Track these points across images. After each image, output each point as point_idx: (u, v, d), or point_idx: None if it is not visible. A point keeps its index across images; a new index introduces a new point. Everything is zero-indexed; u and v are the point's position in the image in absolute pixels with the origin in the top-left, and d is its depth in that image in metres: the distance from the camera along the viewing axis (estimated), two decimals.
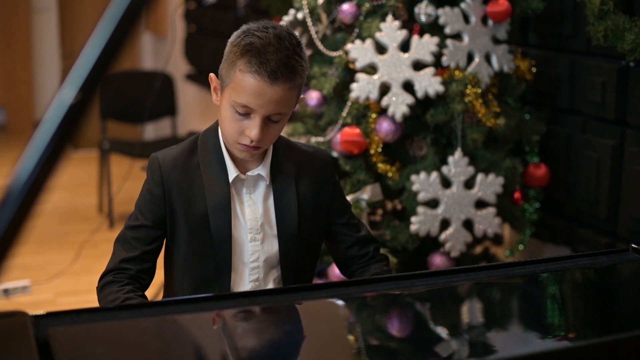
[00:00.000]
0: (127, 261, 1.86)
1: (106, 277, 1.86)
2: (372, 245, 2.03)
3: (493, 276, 1.71)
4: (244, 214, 1.89)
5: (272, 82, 1.75)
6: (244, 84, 1.76)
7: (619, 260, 1.76)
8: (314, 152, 2.00)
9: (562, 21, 2.93)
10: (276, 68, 1.74)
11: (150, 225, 1.87)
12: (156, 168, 1.88)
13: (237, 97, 1.77)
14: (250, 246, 1.89)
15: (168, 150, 1.92)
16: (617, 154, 2.75)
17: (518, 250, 3.04)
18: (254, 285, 1.91)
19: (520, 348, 1.44)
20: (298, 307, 1.61)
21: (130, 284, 1.83)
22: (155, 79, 5.22)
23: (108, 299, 1.80)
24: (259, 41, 1.75)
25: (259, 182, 1.91)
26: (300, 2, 2.94)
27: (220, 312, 1.54)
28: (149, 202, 1.88)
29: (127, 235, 1.88)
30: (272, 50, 1.74)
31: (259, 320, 1.57)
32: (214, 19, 5.37)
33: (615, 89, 2.71)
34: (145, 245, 1.87)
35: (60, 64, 7.24)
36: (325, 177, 1.98)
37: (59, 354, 1.27)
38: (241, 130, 1.80)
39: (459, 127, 2.82)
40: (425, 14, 2.80)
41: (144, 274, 1.88)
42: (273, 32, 1.77)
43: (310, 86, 2.99)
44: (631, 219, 2.70)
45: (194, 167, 1.88)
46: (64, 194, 5.46)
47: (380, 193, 2.85)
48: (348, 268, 2.04)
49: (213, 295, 1.56)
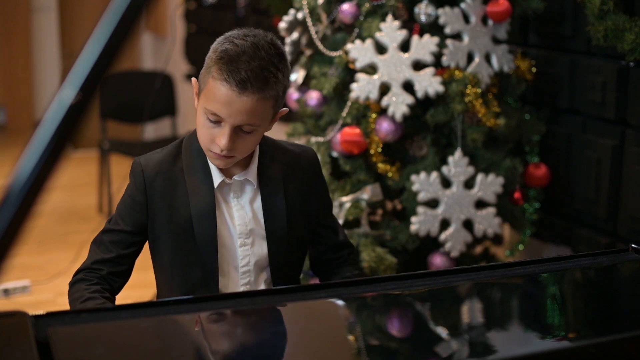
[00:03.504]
0: (100, 262, 1.84)
1: (77, 275, 1.85)
2: (347, 249, 2.04)
3: (493, 276, 1.71)
4: (233, 218, 1.87)
5: (240, 92, 1.71)
6: (214, 91, 1.73)
7: (619, 260, 1.76)
8: (301, 152, 1.97)
9: (562, 21, 2.93)
10: (246, 78, 1.70)
11: (130, 231, 1.85)
12: (139, 173, 1.85)
13: (208, 104, 1.75)
14: (240, 251, 1.87)
15: (152, 154, 1.89)
16: (617, 154, 2.75)
17: (518, 250, 3.04)
18: (246, 288, 1.89)
19: (520, 348, 1.44)
20: (298, 307, 1.61)
21: (99, 284, 1.82)
22: (155, 79, 5.22)
23: (74, 296, 1.80)
24: (234, 49, 1.72)
25: (246, 186, 1.88)
26: (300, 2, 2.94)
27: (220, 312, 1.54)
28: (130, 208, 1.86)
29: (105, 238, 1.87)
30: (245, 59, 1.71)
31: (258, 320, 1.57)
32: (214, 19, 5.37)
33: (615, 89, 2.71)
34: (121, 249, 1.85)
35: (60, 64, 7.24)
36: (313, 177, 1.97)
37: (59, 354, 1.27)
38: (212, 138, 1.77)
39: (459, 127, 2.82)
40: (425, 14, 2.80)
41: (117, 277, 1.86)
42: (252, 40, 1.73)
43: (310, 86, 2.99)
44: (631, 219, 2.70)
45: (178, 172, 1.86)
46: (64, 194, 5.46)
47: (380, 193, 2.85)
48: (320, 268, 2.05)
49: (213, 295, 1.57)
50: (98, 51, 1.07)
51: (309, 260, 2.07)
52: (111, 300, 1.83)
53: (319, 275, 2.07)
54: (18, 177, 1.06)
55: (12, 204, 1.06)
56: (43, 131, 1.07)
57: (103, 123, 5.19)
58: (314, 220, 1.97)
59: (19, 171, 1.06)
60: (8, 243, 1.07)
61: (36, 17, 7.23)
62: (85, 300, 1.77)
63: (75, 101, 1.06)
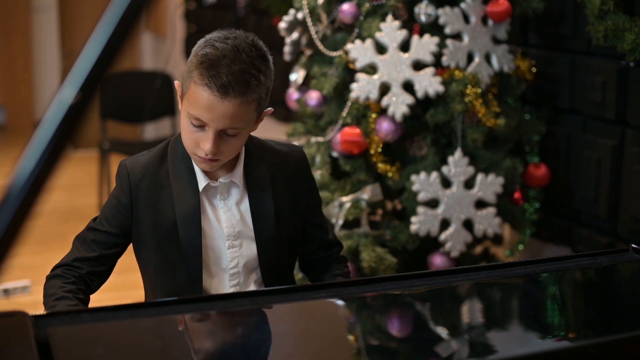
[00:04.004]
0: (81, 260, 1.83)
1: (56, 269, 1.84)
2: (336, 247, 2.04)
3: (493, 276, 1.71)
4: (220, 221, 1.86)
5: (222, 97, 1.69)
6: (196, 96, 1.71)
7: (619, 260, 1.76)
8: (289, 152, 1.96)
9: (562, 21, 2.93)
10: (227, 82, 1.68)
11: (113, 233, 1.84)
12: (124, 176, 1.84)
13: (190, 108, 1.73)
14: (228, 253, 1.86)
15: (138, 157, 1.88)
16: (617, 154, 2.74)
17: (518, 250, 3.04)
18: (235, 289, 1.89)
19: (520, 348, 1.44)
20: (298, 307, 1.61)
21: (75, 283, 1.80)
22: (155, 79, 5.22)
23: (49, 291, 1.78)
24: (215, 52, 1.70)
25: (232, 188, 1.87)
26: (300, 2, 2.94)
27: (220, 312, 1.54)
28: (115, 210, 1.85)
29: (88, 236, 1.85)
30: (225, 63, 1.69)
31: (258, 320, 1.57)
32: (214, 19, 5.37)
33: (615, 89, 2.71)
34: (103, 249, 1.84)
35: (60, 64, 7.23)
36: (302, 177, 1.96)
37: (59, 354, 1.27)
38: (197, 142, 1.75)
39: (459, 127, 2.82)
40: (425, 14, 2.80)
41: (95, 277, 1.84)
42: (232, 43, 1.71)
43: (310, 86, 2.99)
44: (631, 219, 2.70)
45: (163, 175, 1.85)
46: (64, 194, 5.46)
47: (380, 193, 2.85)
48: (309, 267, 2.04)
49: (213, 295, 1.56)
50: (98, 51, 1.07)
51: (298, 259, 2.05)
52: (84, 301, 1.80)
53: (308, 274, 2.06)
54: (18, 177, 1.06)
55: (12, 204, 1.06)
56: (43, 131, 1.06)
57: (103, 123, 5.19)
58: (303, 220, 1.96)
59: (19, 171, 1.06)
60: (8, 243, 1.07)
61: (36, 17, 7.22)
62: (59, 298, 1.75)
63: (75, 101, 1.06)
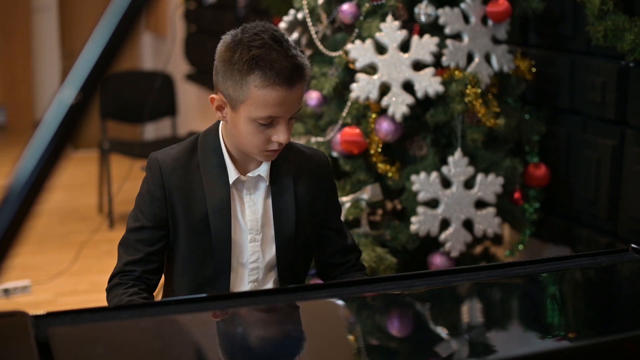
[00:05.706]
0: (131, 264, 1.86)
1: (113, 280, 1.87)
2: (355, 254, 2.04)
3: (493, 276, 1.71)
4: (244, 215, 1.88)
5: (290, 88, 1.75)
6: (265, 97, 1.74)
7: (619, 260, 1.76)
8: (312, 154, 1.99)
9: (562, 21, 2.93)
10: (290, 74, 1.74)
11: (153, 227, 1.86)
12: (156, 169, 1.87)
13: (258, 112, 1.76)
14: (250, 247, 1.89)
15: (168, 150, 1.90)
16: (617, 154, 2.75)
17: (518, 250, 3.04)
18: (253, 286, 1.90)
19: (520, 348, 1.44)
20: (298, 307, 1.61)
21: (135, 285, 1.84)
22: (155, 79, 5.22)
23: (113, 301, 1.82)
24: (261, 52, 1.73)
25: (260, 183, 1.90)
26: (300, 2, 2.94)
27: (220, 312, 1.54)
28: (150, 204, 1.87)
29: (130, 238, 1.87)
30: (276, 57, 1.73)
31: (258, 320, 1.57)
32: (214, 19, 5.37)
33: (615, 89, 2.71)
34: (148, 246, 1.86)
35: (60, 64, 7.24)
36: (323, 179, 1.98)
37: (59, 354, 1.27)
38: (267, 139, 1.80)
39: (459, 127, 2.82)
40: (425, 14, 2.80)
41: (150, 274, 1.87)
42: (266, 36, 1.75)
43: (310, 86, 2.98)
44: (631, 219, 2.70)
45: (194, 169, 1.87)
46: (64, 194, 5.46)
47: (380, 193, 2.85)
48: (328, 273, 2.04)
49: (213, 295, 1.56)
50: (98, 51, 1.07)
51: (316, 264, 2.06)
52: (149, 299, 1.84)
53: (327, 280, 2.05)
54: (18, 177, 1.06)
55: (12, 204, 1.06)
56: (43, 131, 1.06)
57: (103, 123, 5.19)
58: (321, 222, 1.98)
59: (19, 171, 1.06)
60: (8, 243, 1.07)
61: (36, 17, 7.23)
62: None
63: (75, 101, 1.06)
